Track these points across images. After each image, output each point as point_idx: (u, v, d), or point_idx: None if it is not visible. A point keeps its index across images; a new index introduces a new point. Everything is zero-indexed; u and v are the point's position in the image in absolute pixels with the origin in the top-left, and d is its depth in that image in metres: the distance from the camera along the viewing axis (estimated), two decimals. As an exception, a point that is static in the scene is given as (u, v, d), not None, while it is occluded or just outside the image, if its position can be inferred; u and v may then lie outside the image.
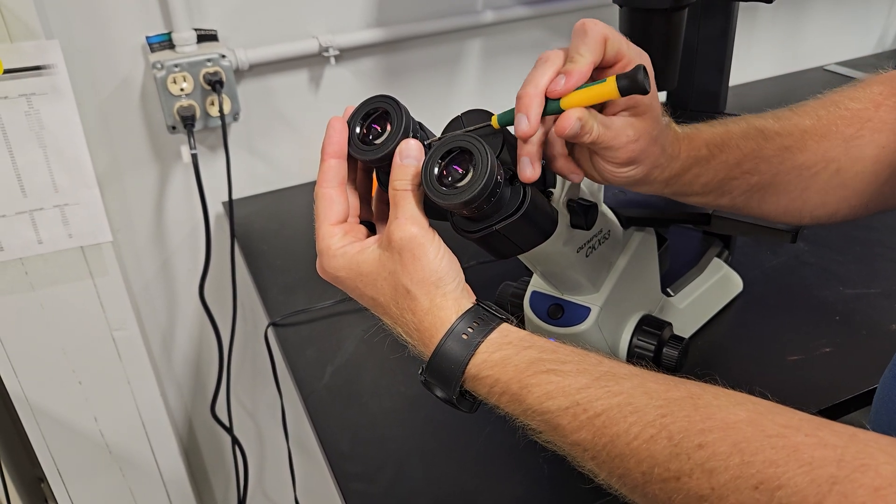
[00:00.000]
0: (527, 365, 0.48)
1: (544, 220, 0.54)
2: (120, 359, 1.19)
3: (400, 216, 0.50)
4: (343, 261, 0.52)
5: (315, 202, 0.55)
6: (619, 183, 0.58)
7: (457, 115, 0.56)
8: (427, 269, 0.50)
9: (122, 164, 1.17)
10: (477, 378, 0.49)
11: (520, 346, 0.49)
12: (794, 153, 0.62)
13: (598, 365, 0.47)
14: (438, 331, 0.50)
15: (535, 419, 0.47)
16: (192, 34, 1.10)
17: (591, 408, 0.44)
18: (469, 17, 1.27)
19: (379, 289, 0.52)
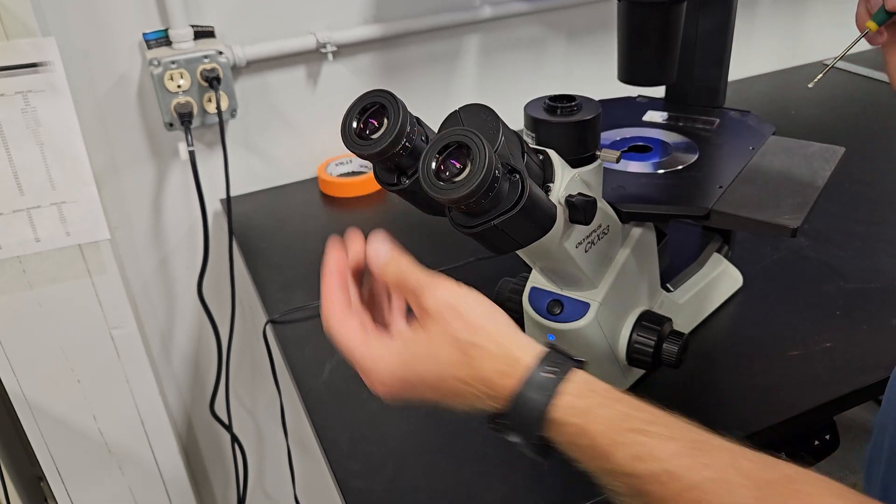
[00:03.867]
0: (618, 420, 0.45)
1: (542, 214, 0.54)
2: (119, 357, 1.18)
3: (418, 289, 0.49)
4: (391, 360, 0.49)
5: (331, 333, 0.52)
6: None
7: (454, 109, 0.56)
8: (477, 314, 0.48)
9: (119, 162, 1.17)
10: (561, 424, 0.46)
11: (607, 398, 0.46)
12: None
13: (688, 431, 0.45)
14: (516, 371, 0.47)
15: (619, 480, 0.44)
16: (189, 31, 1.10)
17: (682, 478, 0.42)
18: (467, 12, 1.27)
19: (442, 361, 0.48)
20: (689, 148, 0.82)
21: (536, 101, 0.66)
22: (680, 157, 0.81)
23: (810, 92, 1.55)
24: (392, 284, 0.52)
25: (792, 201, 0.70)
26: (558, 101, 0.64)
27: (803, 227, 1.03)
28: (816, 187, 0.72)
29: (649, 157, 0.81)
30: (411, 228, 1.12)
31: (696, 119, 0.88)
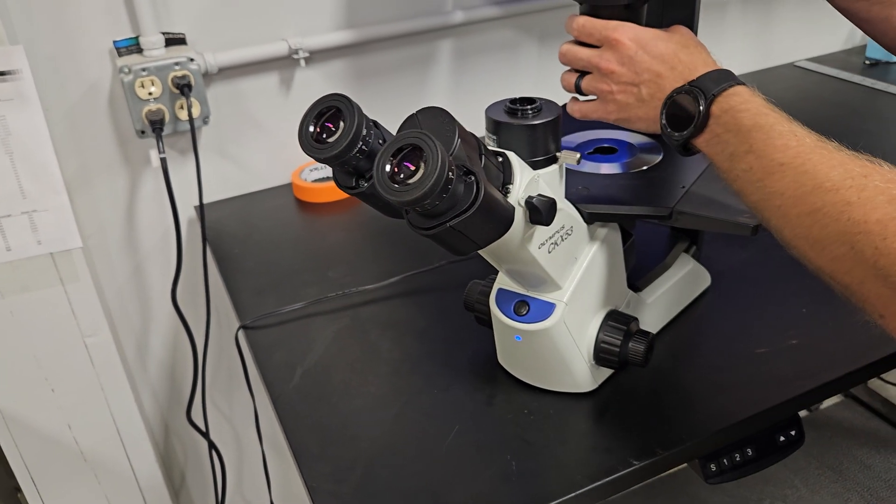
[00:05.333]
0: (777, 110, 0.61)
1: (499, 215, 0.54)
2: (93, 365, 1.18)
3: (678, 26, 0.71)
4: (634, 31, 0.68)
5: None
6: None
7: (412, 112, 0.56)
8: (696, 40, 0.68)
9: (92, 170, 1.17)
10: (737, 94, 0.61)
11: (765, 99, 0.62)
12: None
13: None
14: (710, 66, 0.65)
15: (755, 134, 0.58)
16: (160, 38, 1.10)
17: (804, 139, 0.56)
18: (439, 17, 1.28)
19: (672, 38, 0.67)
20: (653, 149, 0.83)
21: (498, 104, 0.67)
22: (645, 158, 0.82)
23: (780, 92, 1.57)
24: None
25: (752, 200, 0.71)
26: (519, 103, 0.65)
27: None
28: (776, 186, 0.73)
29: (615, 158, 0.82)
30: (384, 232, 1.13)
31: (661, 120, 0.89)
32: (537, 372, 0.79)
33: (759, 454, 0.79)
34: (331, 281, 1.02)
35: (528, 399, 0.80)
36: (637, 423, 0.76)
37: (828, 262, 0.53)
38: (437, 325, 0.92)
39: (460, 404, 0.80)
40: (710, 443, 0.75)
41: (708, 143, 0.62)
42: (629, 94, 0.68)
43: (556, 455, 0.73)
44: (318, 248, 1.11)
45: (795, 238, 0.55)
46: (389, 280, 0.99)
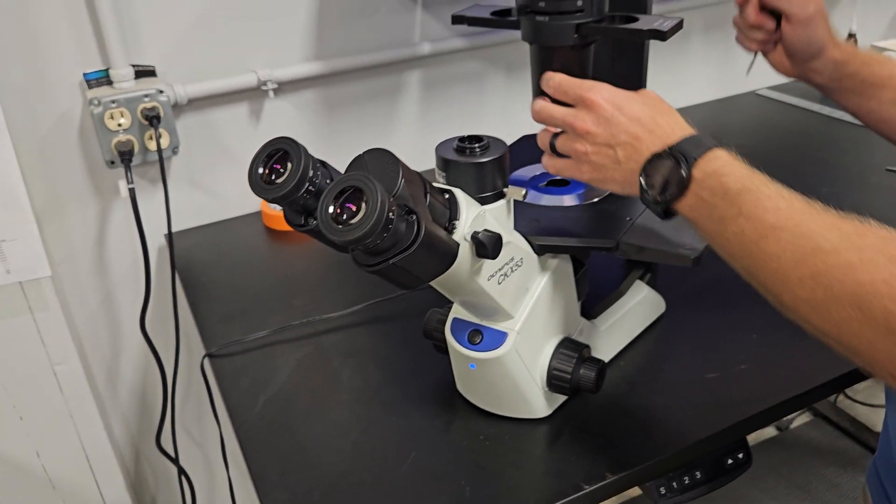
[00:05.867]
0: (757, 172, 0.60)
1: (441, 251, 0.57)
2: (62, 393, 1.19)
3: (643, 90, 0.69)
4: (608, 86, 0.67)
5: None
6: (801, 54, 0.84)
7: (359, 154, 0.58)
8: (664, 103, 0.67)
9: (62, 199, 1.18)
10: (718, 157, 0.61)
11: (742, 160, 0.62)
12: None
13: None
14: (690, 128, 0.65)
15: (744, 197, 0.58)
16: (130, 70, 1.12)
17: (792, 201, 0.56)
18: (406, 49, 1.31)
19: (645, 101, 0.66)
20: (604, 181, 0.86)
21: (448, 141, 0.69)
22: (596, 191, 0.84)
23: (743, 121, 1.62)
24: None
25: (694, 233, 0.74)
26: (467, 142, 0.68)
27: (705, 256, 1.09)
28: (718, 218, 0.76)
29: (567, 190, 0.85)
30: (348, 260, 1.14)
31: (613, 153, 0.92)
32: (493, 399, 0.81)
33: (707, 477, 0.82)
34: (296, 309, 1.04)
35: (485, 425, 0.82)
36: (589, 448, 0.78)
37: (833, 325, 0.52)
38: (399, 353, 0.94)
39: (418, 431, 0.82)
40: (660, 466, 0.78)
41: (692, 208, 0.61)
42: (605, 155, 0.66)
43: (510, 480, 0.75)
44: (285, 275, 1.13)
45: (796, 301, 0.54)
46: (353, 308, 1.01)
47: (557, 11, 0.72)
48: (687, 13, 1.57)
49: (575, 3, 0.72)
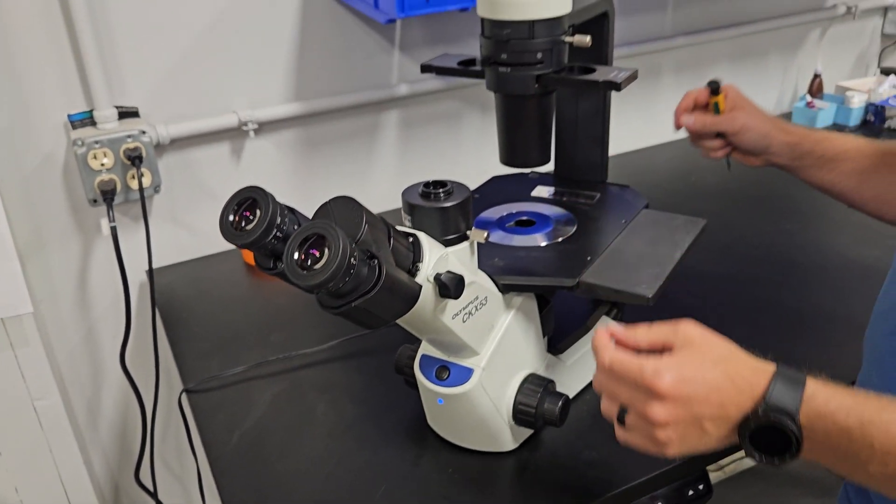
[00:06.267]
0: (851, 391, 0.57)
1: (403, 293, 0.60)
2: (42, 428, 1.20)
3: (671, 330, 0.63)
4: (670, 361, 0.60)
5: (612, 362, 0.63)
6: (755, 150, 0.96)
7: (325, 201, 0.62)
8: (722, 342, 0.62)
9: (45, 237, 1.21)
10: (814, 396, 0.57)
11: (844, 388, 0.58)
12: None
13: None
14: (766, 369, 0.59)
15: (870, 430, 0.55)
16: (114, 112, 1.15)
17: None
18: (384, 90, 1.35)
19: (709, 358, 0.60)
20: (569, 221, 0.90)
21: (413, 186, 0.73)
22: (560, 231, 0.88)
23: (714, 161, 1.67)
24: (646, 341, 0.64)
25: (651, 271, 0.77)
26: (431, 187, 0.71)
27: (692, 289, 1.12)
28: (674, 259, 0.79)
29: (532, 230, 0.89)
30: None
31: (578, 194, 0.96)
32: (461, 433, 0.84)
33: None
34: (273, 344, 1.06)
35: (454, 459, 0.84)
36: (555, 480, 0.80)
37: None
38: (372, 387, 0.96)
39: (389, 465, 0.84)
40: (623, 497, 0.80)
41: (811, 452, 0.57)
42: (691, 434, 0.60)
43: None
44: (263, 311, 1.15)
45: None
46: (329, 343, 1.04)
47: (519, 63, 0.76)
48: (657, 55, 1.62)
49: (535, 56, 0.76)
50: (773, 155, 0.96)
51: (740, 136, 0.95)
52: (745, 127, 0.94)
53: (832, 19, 1.81)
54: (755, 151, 0.97)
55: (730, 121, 0.95)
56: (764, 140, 0.95)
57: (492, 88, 0.81)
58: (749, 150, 0.97)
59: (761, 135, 0.94)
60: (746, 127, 0.94)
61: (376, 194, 1.39)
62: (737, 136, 0.95)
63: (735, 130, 0.95)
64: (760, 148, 0.96)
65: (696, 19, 1.64)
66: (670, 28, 1.62)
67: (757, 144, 0.95)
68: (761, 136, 0.94)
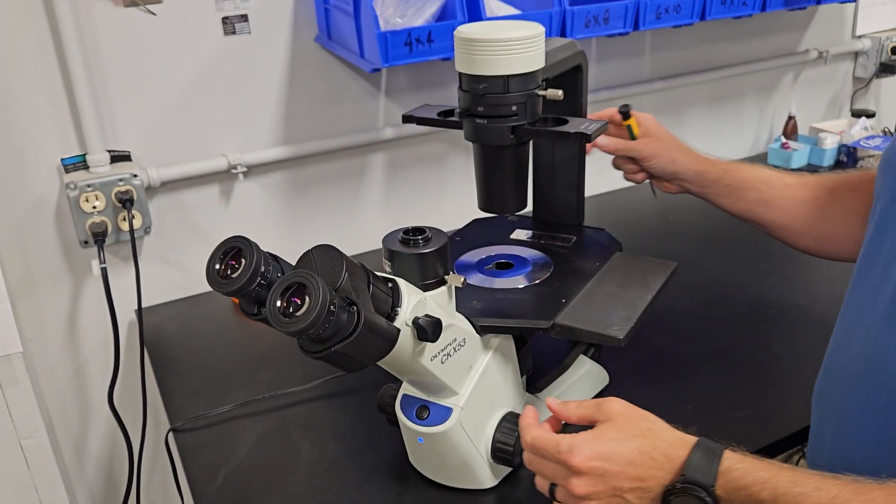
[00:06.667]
0: (767, 463, 0.61)
1: (381, 338, 0.63)
2: (28, 467, 1.21)
3: (596, 405, 0.67)
4: (588, 436, 0.65)
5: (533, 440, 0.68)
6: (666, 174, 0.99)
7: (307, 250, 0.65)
8: (642, 417, 0.67)
9: (36, 277, 1.23)
10: (730, 470, 0.61)
11: (760, 460, 0.61)
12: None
13: (837, 478, 0.58)
14: (685, 443, 0.63)
15: (783, 498, 0.58)
16: (106, 156, 1.19)
17: (829, 491, 0.57)
18: (371, 133, 1.39)
19: (628, 434, 0.64)
20: (545, 264, 0.93)
21: (394, 233, 0.76)
22: (537, 273, 0.91)
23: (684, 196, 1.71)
24: (575, 415, 0.69)
25: (622, 313, 0.81)
26: (411, 234, 0.74)
27: (668, 327, 1.15)
28: (645, 300, 0.83)
29: (510, 273, 0.92)
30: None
31: (555, 237, 1.00)
32: (442, 471, 0.86)
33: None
34: (260, 383, 1.08)
35: (435, 496, 0.86)
36: (532, 518, 0.82)
37: None
38: (356, 426, 0.98)
39: (372, 502, 0.86)
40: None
41: None
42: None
43: (455, 550, 0.79)
44: (251, 350, 1.18)
45: None
46: (314, 382, 1.06)
47: (495, 115, 0.80)
48: (636, 98, 1.68)
49: (510, 109, 0.80)
50: (685, 182, 0.99)
51: (650, 161, 0.98)
52: (654, 153, 0.98)
53: (804, 63, 1.88)
54: (666, 177, 1.00)
55: (641, 146, 0.98)
56: (673, 166, 0.98)
57: (470, 139, 0.85)
58: (660, 176, 1.00)
59: (671, 161, 0.98)
60: (655, 153, 0.98)
61: (363, 235, 1.42)
62: (646, 161, 0.98)
63: (643, 156, 0.98)
64: (670, 174, 0.99)
65: (673, 64, 1.70)
66: (648, 72, 1.68)
67: (666, 171, 0.98)
68: (670, 162, 0.98)
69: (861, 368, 0.66)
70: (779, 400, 0.99)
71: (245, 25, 1.24)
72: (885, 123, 2.09)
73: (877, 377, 0.64)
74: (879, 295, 0.65)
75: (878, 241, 0.68)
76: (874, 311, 0.66)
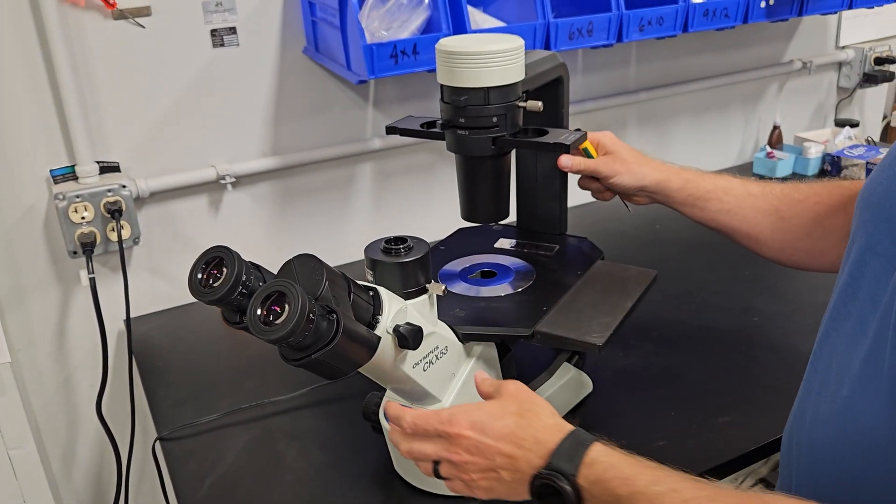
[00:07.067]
0: (635, 460, 0.63)
1: (361, 346, 0.64)
2: (16, 477, 1.21)
3: (494, 384, 0.71)
4: (470, 406, 0.68)
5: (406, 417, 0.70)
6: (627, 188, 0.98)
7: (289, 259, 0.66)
8: (531, 400, 0.68)
9: (25, 287, 1.24)
10: (594, 462, 0.62)
11: (625, 453, 0.64)
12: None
13: (689, 478, 0.61)
14: (562, 429, 0.65)
15: (640, 496, 0.59)
16: (95, 167, 1.20)
17: (684, 493, 0.58)
18: (359, 143, 1.40)
19: (508, 412, 0.66)
20: (528, 273, 0.95)
21: (376, 242, 0.77)
22: (519, 282, 0.93)
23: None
24: (481, 389, 0.72)
25: (602, 321, 0.82)
26: (392, 243, 0.75)
27: (651, 335, 1.16)
28: (625, 308, 0.84)
29: (493, 282, 0.93)
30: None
31: (538, 246, 1.01)
32: (426, 477, 0.87)
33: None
34: (247, 392, 1.09)
35: (419, 502, 0.87)
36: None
37: None
38: (342, 434, 0.99)
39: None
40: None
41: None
42: (491, 478, 0.66)
43: (439, 556, 0.80)
44: (238, 359, 1.18)
45: None
46: (300, 391, 1.07)
47: (476, 126, 0.82)
48: (622, 108, 1.69)
49: (491, 120, 0.81)
50: (651, 194, 0.98)
51: (612, 179, 0.97)
52: (614, 171, 0.97)
53: (789, 74, 1.90)
54: (631, 191, 0.99)
55: (600, 165, 0.97)
56: (635, 181, 0.97)
57: (451, 150, 0.86)
58: (625, 191, 1.00)
59: (632, 176, 0.97)
60: (615, 171, 0.97)
61: (351, 245, 1.43)
62: (608, 179, 0.98)
63: (604, 175, 0.97)
64: (635, 189, 0.98)
65: (659, 75, 1.72)
66: (634, 83, 1.70)
67: (630, 186, 0.98)
68: (632, 177, 0.97)
69: (832, 431, 0.62)
70: (761, 406, 1.00)
71: (234, 38, 1.25)
72: (869, 133, 2.11)
73: (848, 441, 0.60)
74: (854, 350, 0.60)
75: (853, 290, 0.63)
76: (849, 368, 0.61)
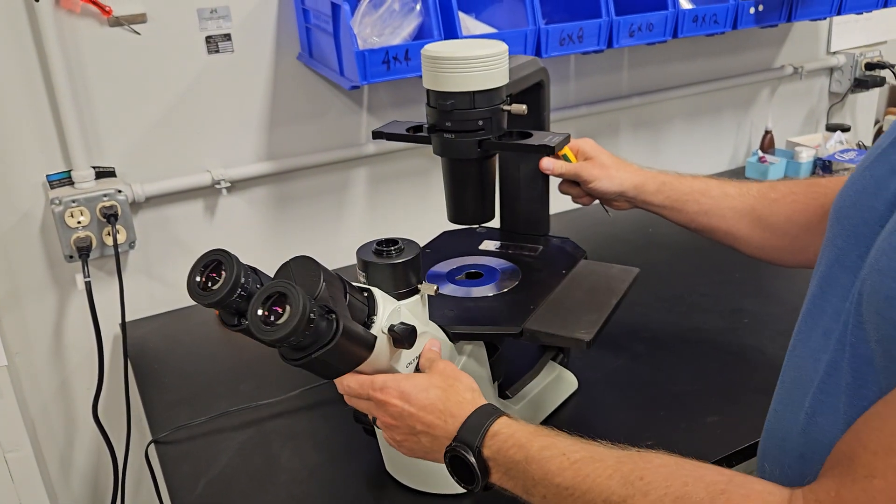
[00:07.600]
0: (534, 429, 0.67)
1: (359, 345, 0.65)
2: (12, 480, 1.22)
3: (439, 360, 0.75)
4: (400, 376, 0.72)
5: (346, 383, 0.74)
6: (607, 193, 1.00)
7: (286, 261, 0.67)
8: (456, 376, 0.73)
9: (21, 291, 1.25)
10: (497, 434, 0.67)
11: (525, 423, 0.68)
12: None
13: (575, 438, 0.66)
14: (472, 406, 0.70)
15: (531, 466, 0.64)
16: (91, 172, 1.21)
17: (572, 456, 0.63)
18: (353, 149, 1.42)
19: (433, 384, 0.71)
20: (513, 273, 0.96)
21: (368, 244, 0.78)
22: (505, 282, 0.94)
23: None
24: (422, 360, 0.77)
25: (588, 318, 0.83)
26: (384, 245, 0.77)
27: (642, 336, 1.18)
28: (610, 305, 0.86)
29: (480, 282, 0.94)
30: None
31: (522, 246, 1.03)
32: (417, 477, 0.88)
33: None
34: (242, 394, 1.10)
35: (412, 502, 0.88)
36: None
37: None
38: (335, 435, 1.00)
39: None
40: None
41: (501, 481, 0.67)
42: (414, 441, 0.72)
43: (430, 554, 0.81)
44: (234, 362, 1.20)
45: None
46: (294, 392, 1.08)
47: (462, 130, 0.83)
48: (615, 113, 1.71)
49: (476, 123, 0.83)
50: (631, 199, 1.00)
51: (591, 184, 0.99)
52: (594, 176, 0.98)
53: (781, 79, 1.92)
54: (611, 197, 1.01)
55: (580, 170, 0.99)
56: (614, 186, 0.99)
57: (438, 153, 0.88)
58: (604, 196, 1.01)
59: (611, 181, 0.99)
60: (594, 177, 0.98)
61: (345, 249, 1.45)
62: (587, 184, 0.99)
63: (584, 180, 0.99)
64: (614, 194, 1.00)
65: (651, 80, 1.74)
66: (626, 88, 1.72)
67: (609, 191, 0.99)
68: (611, 182, 0.99)
69: (796, 447, 0.62)
70: (749, 406, 1.01)
71: (228, 44, 1.27)
72: (860, 137, 2.13)
73: (816, 457, 0.58)
74: (818, 363, 0.61)
75: (821, 303, 0.63)
76: (811, 381, 0.61)
